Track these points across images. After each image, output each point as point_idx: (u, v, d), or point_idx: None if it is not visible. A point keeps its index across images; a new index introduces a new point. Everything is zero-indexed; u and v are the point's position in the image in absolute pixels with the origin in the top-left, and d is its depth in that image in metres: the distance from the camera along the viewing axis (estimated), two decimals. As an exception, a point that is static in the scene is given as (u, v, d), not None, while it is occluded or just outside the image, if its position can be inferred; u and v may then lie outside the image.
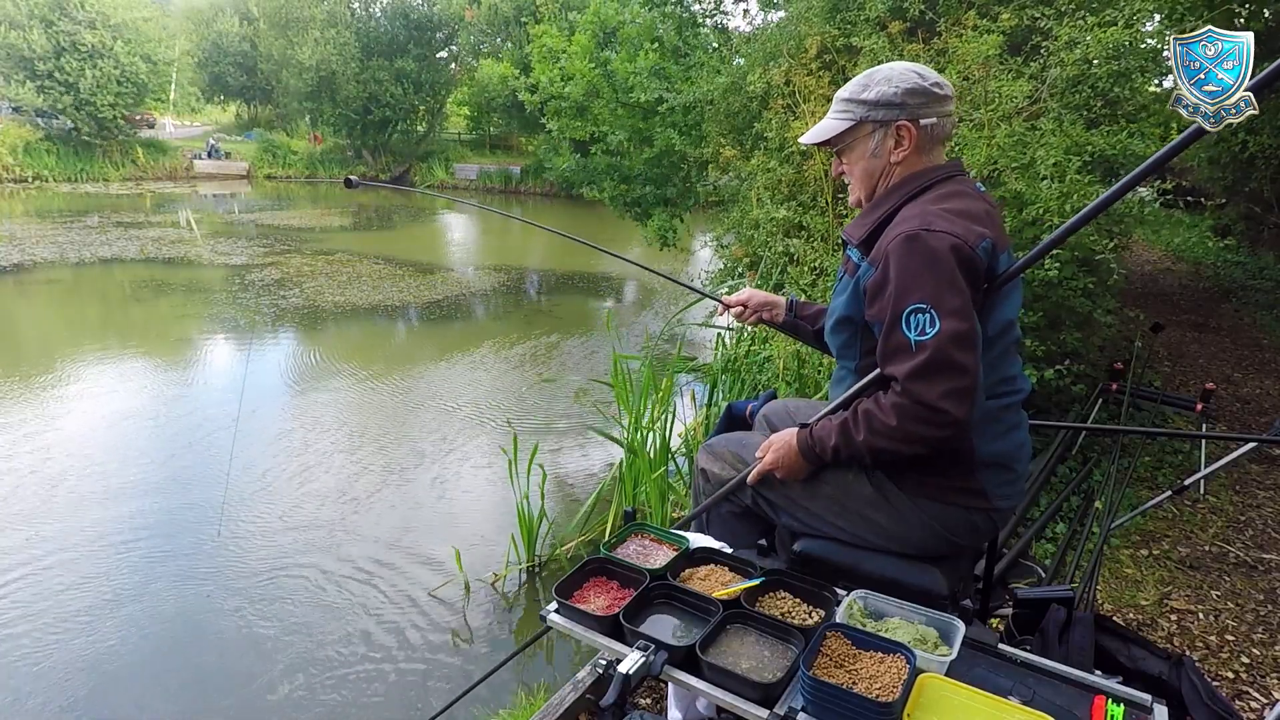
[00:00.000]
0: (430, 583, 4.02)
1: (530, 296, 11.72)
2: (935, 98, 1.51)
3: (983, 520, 1.55)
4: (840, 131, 1.57)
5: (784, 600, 1.46)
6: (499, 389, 7.13)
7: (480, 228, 19.32)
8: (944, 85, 1.53)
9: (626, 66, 8.19)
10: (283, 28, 25.55)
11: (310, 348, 8.22)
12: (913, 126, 1.51)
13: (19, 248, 12.91)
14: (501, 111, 26.93)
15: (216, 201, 21.69)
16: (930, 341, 1.35)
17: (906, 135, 1.52)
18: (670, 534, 1.69)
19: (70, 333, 8.66)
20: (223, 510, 4.67)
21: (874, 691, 1.17)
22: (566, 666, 3.47)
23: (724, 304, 2.06)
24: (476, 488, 5.09)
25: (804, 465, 1.58)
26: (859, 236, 1.56)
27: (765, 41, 5.84)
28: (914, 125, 1.51)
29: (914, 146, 1.52)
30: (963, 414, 1.35)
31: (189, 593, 3.93)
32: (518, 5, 24.70)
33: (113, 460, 5.33)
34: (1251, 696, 2.46)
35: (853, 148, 1.59)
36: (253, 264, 12.35)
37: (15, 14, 21.73)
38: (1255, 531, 3.49)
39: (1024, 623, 1.71)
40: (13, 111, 23.85)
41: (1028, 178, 3.55)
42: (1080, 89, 3.85)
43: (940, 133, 1.55)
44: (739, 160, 5.60)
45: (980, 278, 1.42)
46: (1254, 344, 6.58)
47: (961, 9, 4.45)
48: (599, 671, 2.07)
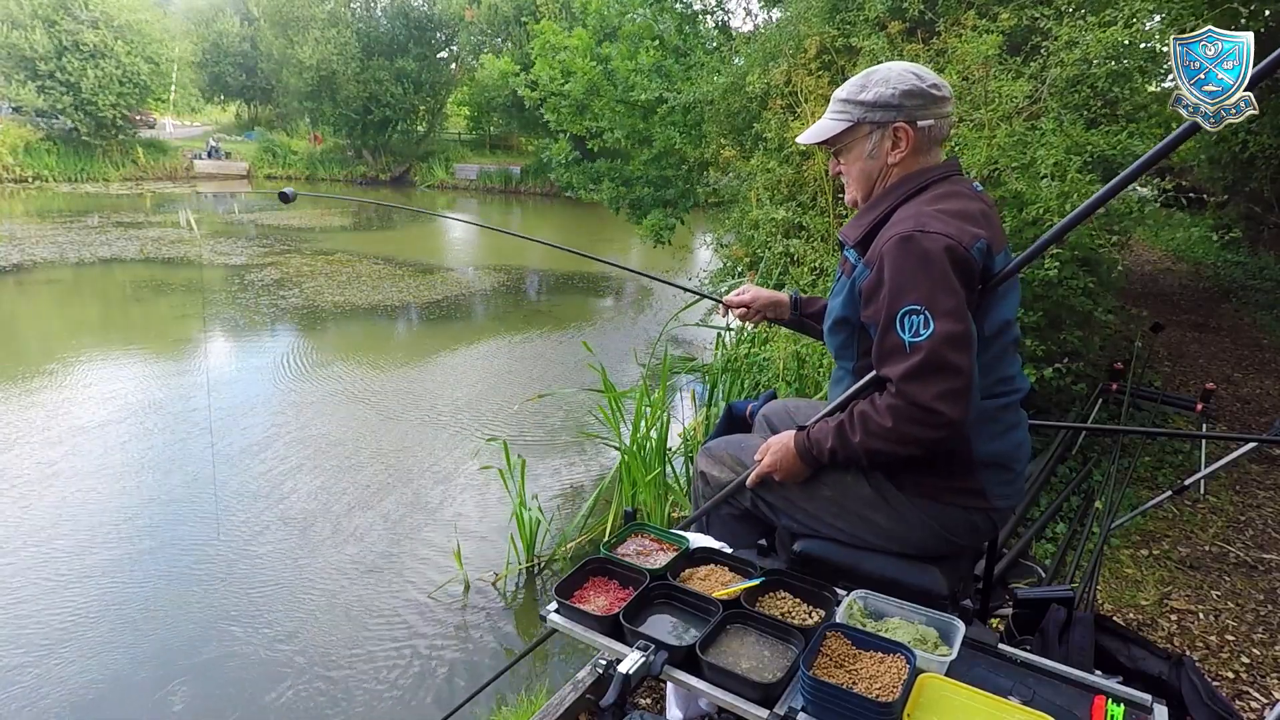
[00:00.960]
0: (431, 583, 4.02)
1: (530, 296, 11.72)
2: (933, 99, 1.51)
3: (982, 520, 1.55)
4: (837, 132, 1.57)
5: (784, 600, 1.46)
6: (498, 389, 7.12)
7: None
8: (942, 86, 1.53)
9: (627, 65, 8.19)
10: (283, 27, 25.56)
11: (308, 347, 8.22)
12: (910, 128, 1.51)
13: (19, 248, 12.90)
14: (501, 111, 26.95)
15: (216, 201, 21.70)
16: (924, 343, 1.35)
17: (904, 137, 1.51)
18: (670, 534, 1.69)
19: (70, 332, 8.65)
20: (217, 507, 4.67)
21: (874, 691, 1.16)
22: (566, 666, 3.47)
23: (725, 304, 2.04)
24: (477, 488, 5.09)
25: (802, 468, 1.58)
26: (855, 238, 1.56)
27: (765, 41, 5.84)
28: (911, 127, 1.51)
29: (911, 148, 1.52)
30: (958, 415, 1.35)
31: (187, 593, 3.93)
32: (518, 5, 24.70)
33: (107, 460, 5.33)
34: (1251, 696, 2.46)
35: (850, 148, 1.58)
36: (252, 264, 12.35)
37: (18, 14, 21.74)
38: (1255, 531, 3.49)
39: (1024, 623, 1.71)
40: (13, 111, 23.85)
41: (1028, 177, 3.55)
42: (1079, 89, 3.85)
43: (938, 134, 1.54)
44: (739, 160, 5.60)
45: (975, 278, 1.42)
46: (1254, 344, 6.58)
47: (961, 9, 4.45)
48: (599, 671, 2.06)
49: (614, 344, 8.83)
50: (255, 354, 8.05)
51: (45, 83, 22.24)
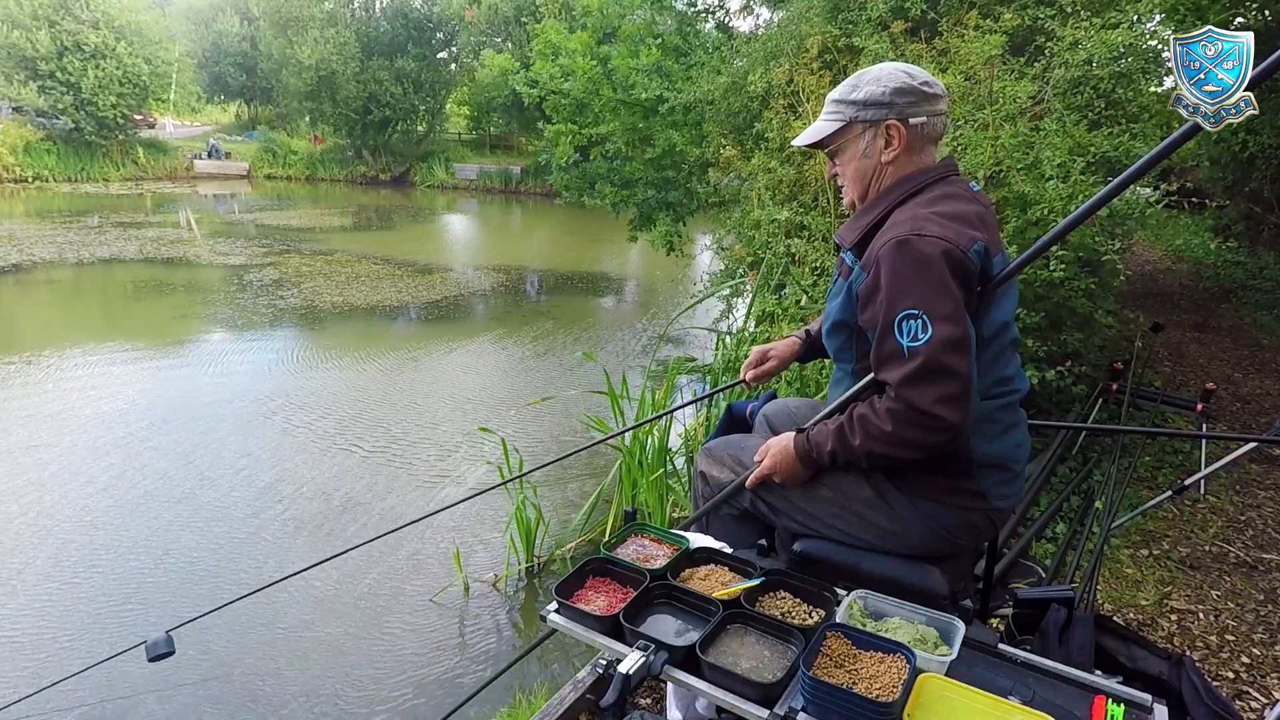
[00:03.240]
0: (431, 584, 4.02)
1: (530, 296, 11.72)
2: (924, 96, 1.51)
3: (981, 520, 1.55)
4: (831, 133, 1.57)
5: (784, 600, 1.46)
6: (498, 389, 7.12)
7: (480, 228, 19.32)
8: (934, 84, 1.52)
9: (627, 64, 8.18)
10: (282, 27, 25.58)
11: (306, 347, 8.22)
12: (902, 126, 1.51)
13: (19, 248, 12.91)
14: (501, 111, 26.96)
15: (216, 201, 21.69)
16: (923, 348, 1.35)
17: (896, 134, 1.52)
18: (670, 534, 1.68)
19: (70, 332, 8.65)
20: (202, 497, 4.67)
21: (874, 691, 1.16)
22: (566, 666, 3.47)
23: (746, 382, 2.00)
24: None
25: (801, 470, 1.58)
26: (851, 240, 1.56)
27: (766, 41, 5.84)
28: (903, 124, 1.51)
29: (904, 146, 1.52)
30: (957, 419, 1.35)
31: (185, 593, 3.93)
32: (518, 5, 24.72)
33: (103, 462, 5.33)
34: (1251, 696, 2.46)
35: (844, 149, 1.58)
36: (251, 264, 12.35)
37: (18, 14, 21.74)
38: (1255, 531, 3.49)
39: (1024, 623, 1.71)
40: (13, 111, 23.86)
41: (1033, 178, 3.55)
42: (1082, 90, 3.85)
43: (931, 132, 1.54)
44: (739, 161, 5.59)
45: (973, 281, 1.42)
46: (1254, 344, 6.58)
47: (963, 9, 4.45)
48: (599, 671, 2.06)
49: (614, 344, 8.83)
50: (253, 354, 8.04)
51: (46, 83, 22.25)
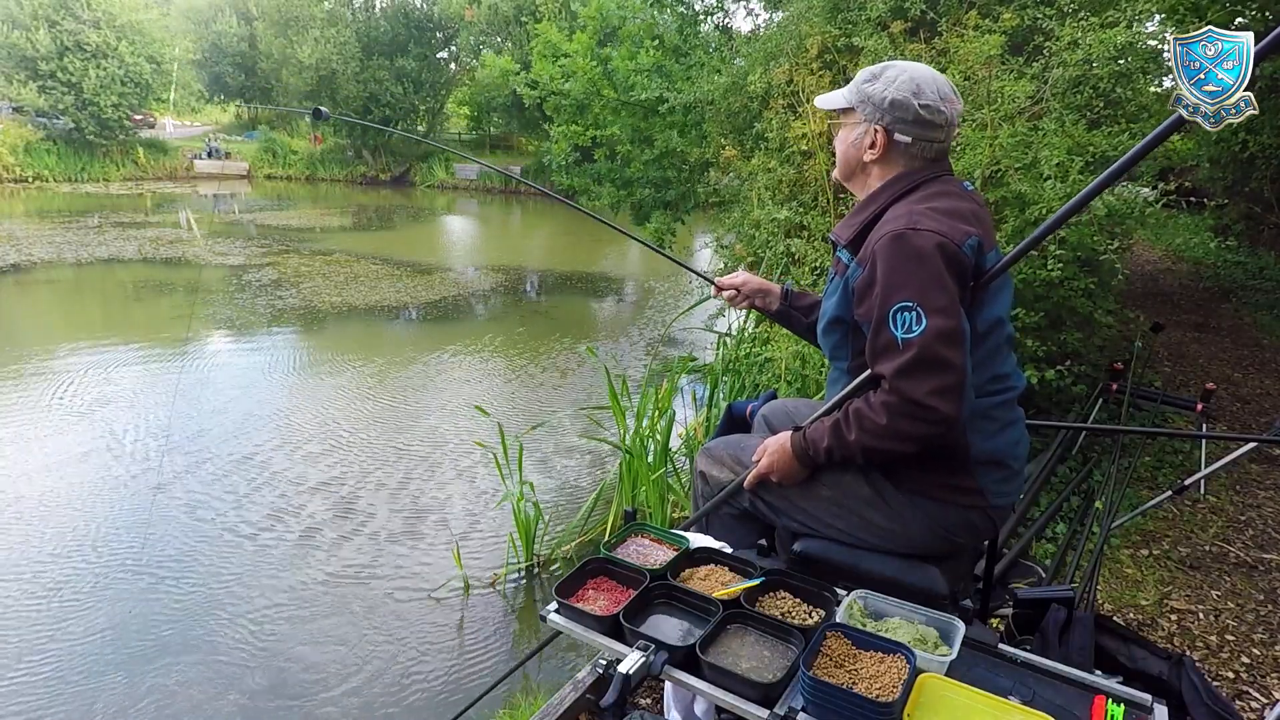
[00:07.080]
0: (430, 584, 4.02)
1: (529, 297, 11.72)
2: (919, 120, 1.50)
3: (980, 519, 1.55)
4: (839, 106, 1.62)
5: (784, 600, 1.46)
6: (498, 389, 7.12)
7: (479, 227, 19.32)
8: (937, 110, 1.50)
9: (627, 64, 8.18)
10: (282, 27, 25.57)
11: (304, 348, 8.22)
12: (885, 136, 1.53)
13: (18, 248, 12.90)
14: (501, 111, 26.95)
15: (216, 201, 21.69)
16: (917, 339, 1.35)
17: (878, 142, 1.54)
18: (670, 534, 1.68)
19: (69, 331, 8.65)
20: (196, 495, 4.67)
21: (874, 691, 1.16)
22: (566, 666, 3.47)
23: (717, 285, 2.05)
24: (476, 488, 5.09)
25: (799, 468, 1.58)
26: (847, 237, 1.57)
27: (766, 41, 5.84)
28: (886, 136, 1.53)
29: (881, 153, 1.55)
30: (952, 410, 1.35)
31: (183, 593, 3.93)
32: (518, 5, 24.70)
33: (99, 461, 5.33)
34: (1251, 696, 2.46)
35: (844, 125, 1.63)
36: (250, 264, 12.34)
37: (19, 14, 21.73)
38: (1255, 531, 3.49)
39: (1024, 623, 1.71)
40: (13, 111, 23.85)
41: (1031, 178, 3.55)
42: (1082, 89, 3.84)
43: (916, 151, 1.54)
44: (739, 161, 5.59)
45: (967, 275, 1.43)
46: (1254, 344, 6.58)
47: (962, 9, 4.45)
48: (599, 671, 2.06)
49: (613, 344, 8.83)
50: (252, 353, 8.04)
51: (47, 83, 22.24)
